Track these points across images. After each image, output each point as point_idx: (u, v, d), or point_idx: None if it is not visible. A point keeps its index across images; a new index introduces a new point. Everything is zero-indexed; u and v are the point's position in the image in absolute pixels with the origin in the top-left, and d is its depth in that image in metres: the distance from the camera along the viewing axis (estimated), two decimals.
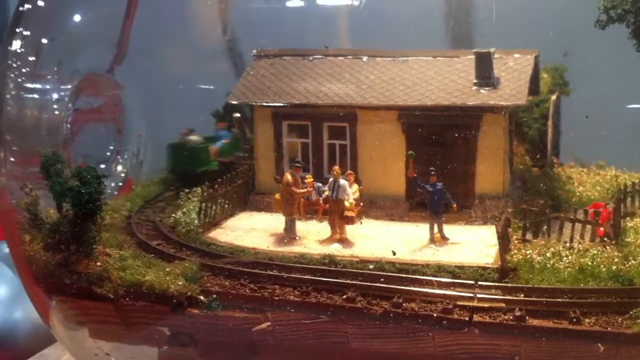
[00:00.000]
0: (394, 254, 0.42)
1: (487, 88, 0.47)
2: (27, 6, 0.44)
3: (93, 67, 0.55)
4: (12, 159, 0.44)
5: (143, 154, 0.57)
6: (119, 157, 0.57)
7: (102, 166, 0.57)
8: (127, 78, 0.55)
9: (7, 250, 0.75)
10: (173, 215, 0.52)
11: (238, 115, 0.54)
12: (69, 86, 0.50)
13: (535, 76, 0.50)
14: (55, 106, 0.50)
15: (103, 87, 0.55)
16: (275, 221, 0.49)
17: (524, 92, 0.47)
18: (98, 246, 0.41)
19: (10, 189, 0.45)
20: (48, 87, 0.48)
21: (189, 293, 0.41)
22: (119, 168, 0.58)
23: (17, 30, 0.44)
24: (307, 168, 0.50)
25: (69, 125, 0.51)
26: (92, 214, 0.40)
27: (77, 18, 0.49)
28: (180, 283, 0.41)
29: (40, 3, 0.45)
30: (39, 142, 0.48)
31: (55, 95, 0.49)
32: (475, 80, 0.48)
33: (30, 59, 0.45)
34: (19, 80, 0.44)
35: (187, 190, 0.56)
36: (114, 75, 0.55)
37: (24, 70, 0.45)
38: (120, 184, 0.60)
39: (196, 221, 0.49)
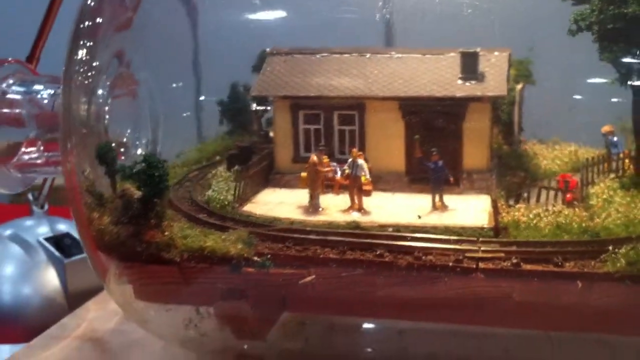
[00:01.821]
0: (420, 217, 0.52)
1: (473, 82, 0.57)
2: (87, 23, 0.52)
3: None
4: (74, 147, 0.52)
5: (161, 140, 0.64)
6: (137, 142, 0.64)
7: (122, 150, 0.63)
8: (143, 73, 0.62)
9: (7, 232, 0.80)
10: (207, 193, 0.60)
11: (255, 105, 0.62)
12: (108, 83, 0.58)
13: (508, 70, 0.60)
14: (100, 100, 0.57)
15: (127, 82, 0.62)
16: (297, 196, 0.57)
17: (504, 84, 0.57)
18: (165, 219, 0.49)
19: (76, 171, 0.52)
20: (99, 85, 0.56)
21: (245, 255, 0.49)
22: (138, 152, 0.65)
23: (81, 42, 0.52)
24: (325, 151, 0.59)
25: (107, 116, 0.58)
26: (162, 193, 0.48)
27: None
28: (239, 247, 0.49)
29: (99, 20, 0.52)
30: (90, 130, 0.55)
31: (100, 91, 0.57)
32: (460, 75, 0.58)
33: (95, 64, 0.52)
34: (85, 82, 0.52)
35: (212, 172, 0.63)
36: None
37: (88, 74, 0.52)
38: None
39: (229, 197, 0.57)
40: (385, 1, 0.54)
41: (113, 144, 0.51)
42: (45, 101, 0.62)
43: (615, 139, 0.51)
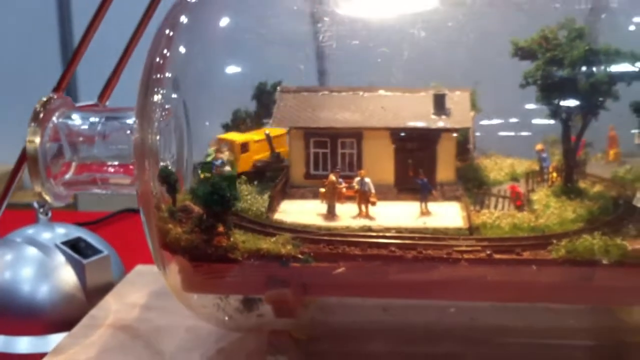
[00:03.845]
0: (425, 223, 0.69)
1: (443, 116, 0.75)
2: (159, 75, 0.67)
3: None
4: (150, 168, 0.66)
5: (188, 158, 0.78)
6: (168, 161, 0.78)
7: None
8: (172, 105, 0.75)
9: (22, 238, 0.92)
10: (238, 204, 0.74)
11: (268, 132, 0.78)
12: (160, 114, 0.72)
13: (470, 106, 0.78)
14: (155, 130, 0.71)
15: (167, 113, 0.76)
16: (311, 206, 0.73)
17: (468, 117, 0.75)
18: (230, 228, 0.64)
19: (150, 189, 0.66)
20: (157, 117, 0.70)
21: (293, 253, 0.65)
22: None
23: (155, 89, 0.66)
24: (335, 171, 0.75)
25: (158, 143, 0.72)
26: (229, 208, 0.64)
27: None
28: (288, 247, 0.65)
29: (168, 74, 0.67)
30: (154, 155, 0.69)
31: (156, 124, 0.71)
32: (433, 111, 0.76)
33: (167, 106, 0.67)
34: (159, 119, 0.66)
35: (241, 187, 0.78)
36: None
37: (162, 113, 0.67)
38: None
39: (261, 208, 0.72)
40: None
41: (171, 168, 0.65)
42: (86, 128, 0.75)
43: (544, 154, 0.69)
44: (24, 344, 0.86)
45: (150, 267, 0.91)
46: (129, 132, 0.72)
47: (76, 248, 0.87)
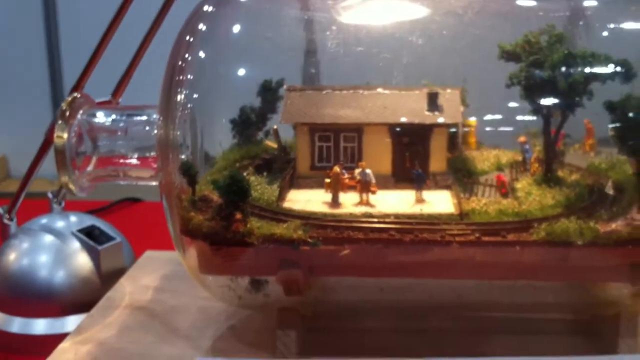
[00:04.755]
0: (420, 210, 0.76)
1: (436, 112, 0.83)
2: (181, 77, 0.74)
3: None
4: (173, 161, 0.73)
5: (200, 150, 0.85)
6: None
7: None
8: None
9: (38, 227, 0.98)
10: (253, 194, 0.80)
11: (275, 127, 0.85)
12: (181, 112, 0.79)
13: (460, 103, 0.86)
14: (177, 126, 0.78)
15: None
16: (315, 195, 0.80)
17: (459, 114, 0.82)
18: (247, 215, 0.71)
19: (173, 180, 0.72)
20: (178, 115, 0.76)
21: (303, 238, 0.73)
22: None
23: (178, 90, 0.73)
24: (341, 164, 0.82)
25: (178, 138, 0.79)
26: (246, 198, 0.71)
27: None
28: (299, 232, 0.73)
29: (190, 76, 0.74)
30: (176, 149, 0.76)
31: (177, 121, 0.78)
32: (427, 108, 0.83)
33: (189, 105, 0.74)
34: (183, 118, 0.74)
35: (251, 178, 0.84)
36: None
37: (185, 112, 0.74)
38: None
39: (272, 197, 0.79)
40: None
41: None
42: (109, 125, 0.82)
43: (527, 146, 0.77)
44: (41, 325, 0.92)
45: (159, 252, 0.99)
46: (147, 128, 0.79)
47: (90, 235, 0.93)
